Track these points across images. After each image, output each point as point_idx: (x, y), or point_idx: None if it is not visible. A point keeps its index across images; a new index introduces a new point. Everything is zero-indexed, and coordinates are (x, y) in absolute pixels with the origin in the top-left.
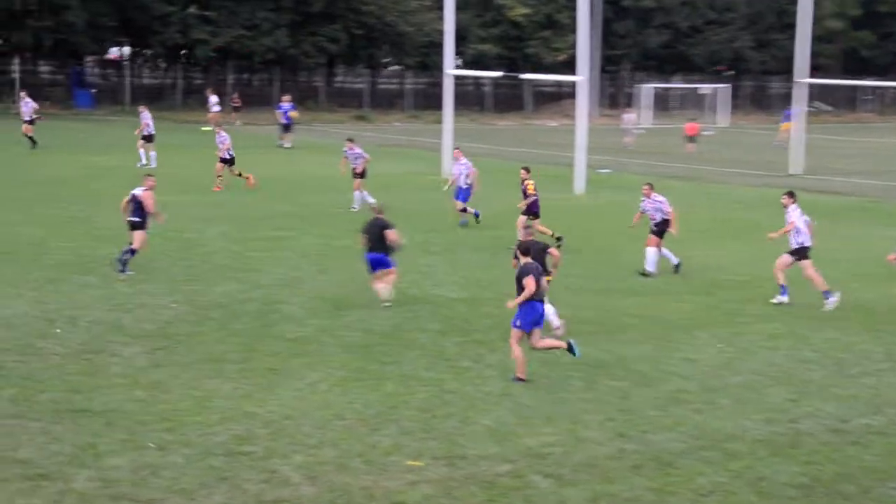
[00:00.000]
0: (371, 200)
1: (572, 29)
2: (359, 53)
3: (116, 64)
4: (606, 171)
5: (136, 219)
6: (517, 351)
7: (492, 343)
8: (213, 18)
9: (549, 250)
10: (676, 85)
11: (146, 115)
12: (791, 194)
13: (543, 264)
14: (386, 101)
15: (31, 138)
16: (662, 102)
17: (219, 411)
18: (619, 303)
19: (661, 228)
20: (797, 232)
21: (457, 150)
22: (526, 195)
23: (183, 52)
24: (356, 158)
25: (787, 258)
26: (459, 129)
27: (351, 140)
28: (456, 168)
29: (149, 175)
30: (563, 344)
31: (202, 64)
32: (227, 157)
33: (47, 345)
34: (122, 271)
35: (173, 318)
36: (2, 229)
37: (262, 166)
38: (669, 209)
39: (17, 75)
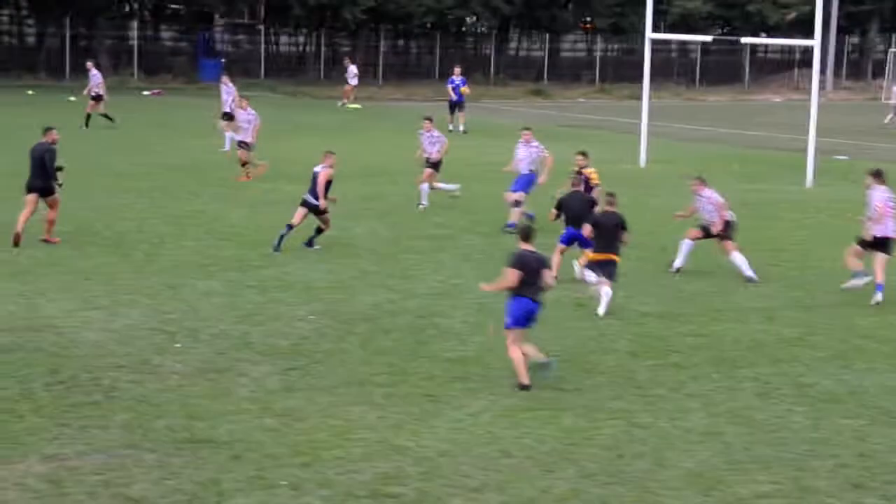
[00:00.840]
0: (452, 188)
1: None
2: (537, 15)
3: (250, 28)
4: (843, 157)
5: (312, 200)
6: (515, 353)
7: (694, 368)
8: None
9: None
10: None
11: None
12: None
13: (616, 238)
14: (569, 73)
15: (88, 116)
16: None
17: (362, 444)
18: (857, 322)
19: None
20: None
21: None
22: (588, 186)
23: (327, 14)
24: (433, 143)
25: None
26: (660, 105)
27: (429, 119)
28: (523, 150)
29: (329, 152)
30: (542, 357)
31: (349, 29)
32: (249, 140)
33: (165, 362)
34: (277, 249)
35: (311, 333)
36: (118, 224)
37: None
38: (723, 212)
39: (134, 42)
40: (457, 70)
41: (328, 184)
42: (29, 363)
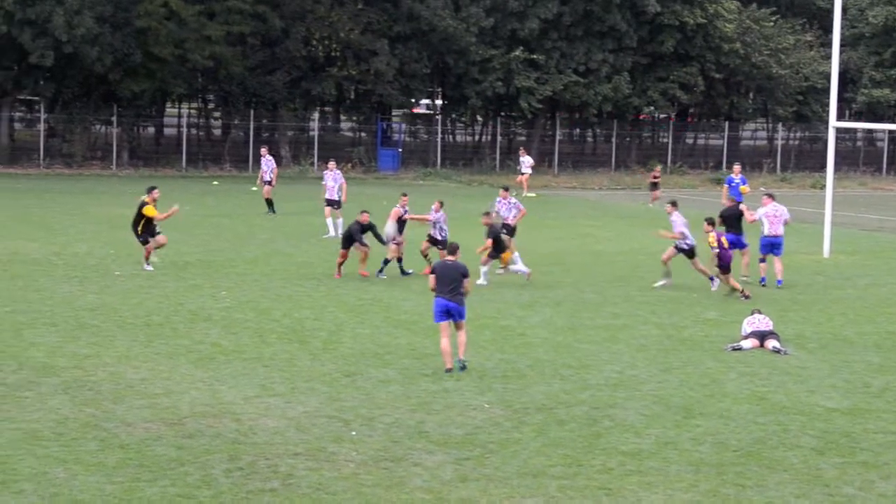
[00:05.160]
0: (523, 270)
1: None
2: (717, 102)
3: (427, 118)
4: None
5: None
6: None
7: (885, 467)
8: (541, 63)
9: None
10: None
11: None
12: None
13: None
14: (749, 161)
15: (269, 202)
16: None
17: None
18: None
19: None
20: None
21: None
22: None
23: (504, 103)
24: (509, 209)
25: None
26: (844, 195)
27: (506, 189)
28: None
29: (404, 194)
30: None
31: (525, 118)
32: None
33: (341, 450)
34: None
35: (485, 423)
36: (296, 311)
37: (611, 240)
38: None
39: (315, 133)
40: (736, 168)
41: (401, 223)
42: (209, 449)
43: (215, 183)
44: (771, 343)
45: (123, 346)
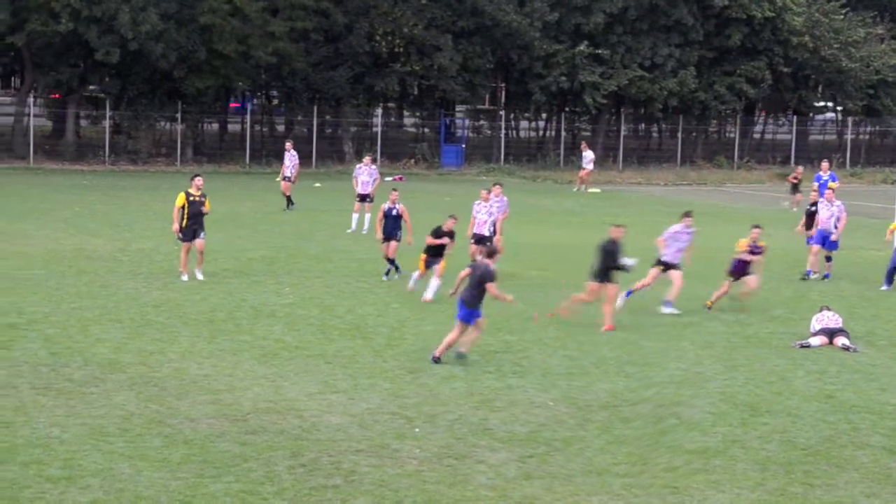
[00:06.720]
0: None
1: None
2: (785, 96)
3: (490, 114)
4: None
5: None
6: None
7: None
8: (605, 58)
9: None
10: None
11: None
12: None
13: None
14: (817, 156)
15: (288, 198)
16: None
17: None
18: None
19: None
20: None
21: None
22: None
23: (568, 98)
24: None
25: None
26: None
27: (499, 185)
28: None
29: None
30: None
31: (590, 113)
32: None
33: (404, 446)
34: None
35: (549, 420)
36: (360, 308)
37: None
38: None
39: (378, 129)
40: (824, 165)
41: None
42: (272, 446)
43: (317, 185)
44: (840, 340)
45: (187, 342)
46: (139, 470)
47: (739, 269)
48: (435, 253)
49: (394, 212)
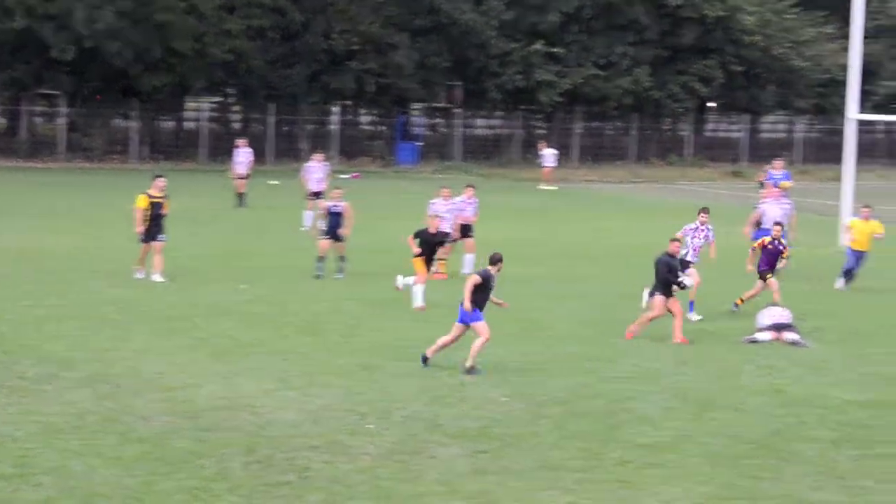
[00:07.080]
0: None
1: None
2: (736, 95)
3: (445, 112)
4: None
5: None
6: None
7: None
8: (561, 56)
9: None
10: None
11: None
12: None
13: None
14: (767, 154)
15: (240, 195)
16: None
17: None
18: None
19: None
20: None
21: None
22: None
23: (523, 96)
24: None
25: None
26: (863, 187)
27: (472, 186)
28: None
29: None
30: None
31: (545, 111)
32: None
33: (357, 443)
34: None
35: (502, 416)
36: (313, 305)
37: (634, 234)
38: None
39: (335, 126)
40: (777, 163)
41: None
42: (226, 442)
43: (275, 183)
44: (790, 335)
45: (143, 339)
46: (93, 467)
47: (769, 264)
48: (431, 252)
49: (337, 209)
